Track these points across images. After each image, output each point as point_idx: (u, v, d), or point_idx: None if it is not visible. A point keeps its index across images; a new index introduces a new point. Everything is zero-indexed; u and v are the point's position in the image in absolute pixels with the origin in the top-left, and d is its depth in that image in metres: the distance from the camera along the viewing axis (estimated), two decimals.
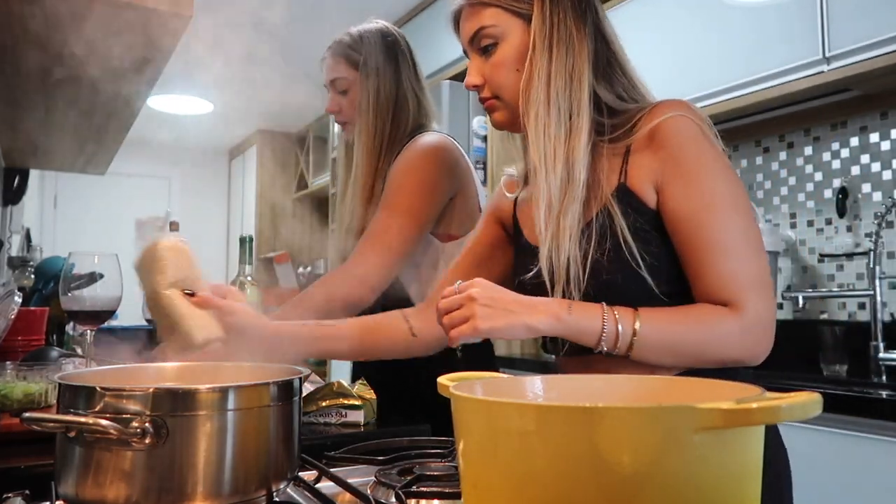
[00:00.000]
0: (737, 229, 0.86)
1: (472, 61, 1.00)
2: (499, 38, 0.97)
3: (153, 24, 1.07)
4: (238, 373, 0.81)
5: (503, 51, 0.97)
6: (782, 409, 0.39)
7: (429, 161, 1.38)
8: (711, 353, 0.85)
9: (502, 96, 0.98)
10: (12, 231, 2.96)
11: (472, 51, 1.00)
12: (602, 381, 0.58)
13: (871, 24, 1.79)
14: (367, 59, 1.43)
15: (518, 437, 0.43)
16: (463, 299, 0.84)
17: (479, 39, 0.98)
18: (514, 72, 0.96)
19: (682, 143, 0.89)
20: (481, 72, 0.99)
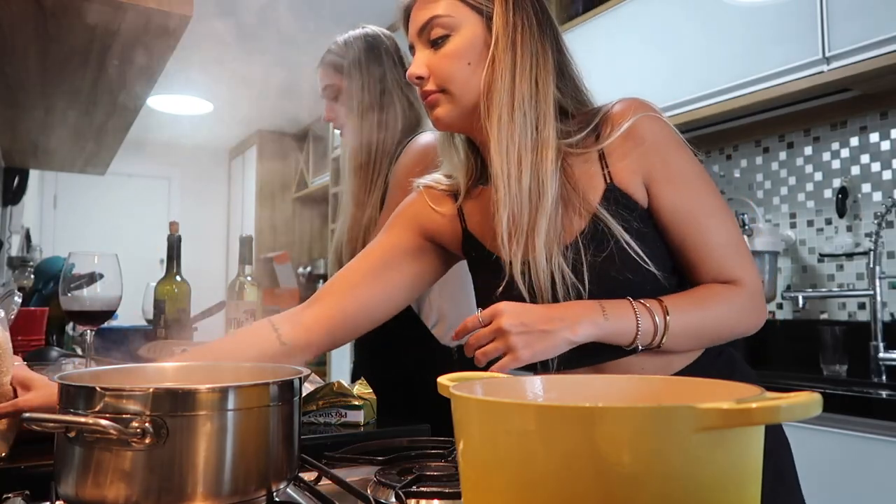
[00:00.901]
0: (721, 211, 0.92)
1: (419, 53, 0.96)
2: (452, 29, 0.93)
3: (153, 24, 1.07)
4: (238, 373, 0.81)
5: (455, 42, 0.93)
6: (782, 409, 0.39)
7: (428, 159, 1.37)
8: (728, 330, 0.89)
9: (450, 89, 0.94)
10: (12, 231, 2.96)
11: (420, 42, 0.96)
12: (602, 381, 0.58)
13: (871, 24, 1.79)
14: (351, 63, 1.44)
15: (518, 437, 0.43)
16: (493, 332, 0.81)
17: (431, 29, 0.94)
18: (465, 65, 0.93)
19: (662, 140, 0.91)
20: (427, 63, 0.95)
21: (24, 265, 2.40)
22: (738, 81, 2.08)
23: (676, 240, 0.90)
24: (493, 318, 0.82)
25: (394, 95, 1.44)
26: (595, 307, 0.84)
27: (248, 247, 1.62)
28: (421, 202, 1.07)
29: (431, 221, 1.05)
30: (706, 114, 2.20)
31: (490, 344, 0.82)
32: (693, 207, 0.90)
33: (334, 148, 4.56)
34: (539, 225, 0.88)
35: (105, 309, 1.19)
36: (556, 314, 0.83)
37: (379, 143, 1.43)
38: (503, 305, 0.83)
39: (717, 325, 0.88)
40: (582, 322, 0.82)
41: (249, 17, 2.70)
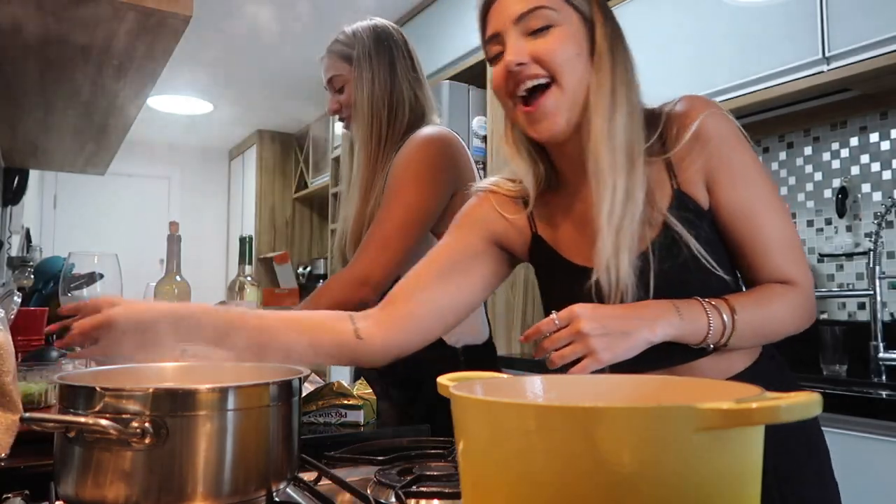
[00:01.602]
0: (779, 208, 0.93)
1: (514, 41, 0.91)
2: (554, 22, 0.90)
3: (153, 24, 1.07)
4: (238, 373, 0.81)
5: (560, 32, 0.90)
6: (782, 409, 0.39)
7: (427, 153, 1.35)
8: (785, 329, 0.91)
9: (560, 78, 0.90)
10: (12, 231, 2.96)
11: (516, 30, 0.91)
12: (602, 381, 0.58)
13: (871, 24, 1.79)
14: (360, 54, 1.42)
15: (518, 437, 0.43)
16: (572, 335, 0.81)
17: (532, 18, 0.90)
18: (575, 55, 0.90)
19: (726, 139, 0.91)
20: (529, 50, 0.90)
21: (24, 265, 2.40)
22: (738, 81, 2.07)
23: (736, 239, 0.92)
24: (570, 320, 0.81)
25: (403, 89, 1.42)
26: (670, 307, 0.85)
27: (248, 247, 1.62)
28: (488, 206, 1.06)
29: (499, 226, 1.05)
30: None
31: (568, 347, 0.81)
32: (754, 207, 0.91)
33: (334, 148, 4.56)
34: (626, 232, 0.88)
35: None
36: (634, 314, 0.84)
37: (387, 138, 1.41)
38: (579, 308, 0.82)
39: (777, 324, 0.90)
40: (660, 321, 0.83)
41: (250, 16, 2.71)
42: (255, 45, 3.98)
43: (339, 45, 1.46)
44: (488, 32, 0.95)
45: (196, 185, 6.35)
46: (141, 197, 5.95)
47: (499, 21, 0.93)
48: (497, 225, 1.05)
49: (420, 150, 1.35)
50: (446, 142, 1.38)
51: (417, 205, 1.32)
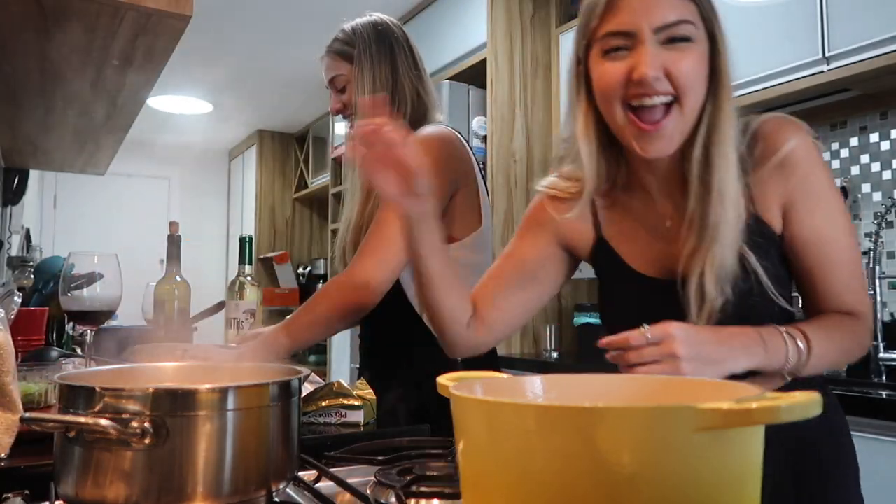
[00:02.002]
0: (850, 236, 0.93)
1: (653, 50, 0.85)
2: (693, 38, 0.86)
3: (153, 24, 1.07)
4: (238, 373, 0.81)
5: (697, 52, 0.87)
6: (782, 409, 0.39)
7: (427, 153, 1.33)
8: (848, 358, 0.92)
9: (685, 99, 0.87)
10: (12, 231, 2.96)
11: (654, 38, 0.85)
12: (602, 381, 0.58)
13: (871, 24, 1.79)
14: (361, 52, 1.39)
15: (518, 437, 0.43)
16: (663, 354, 0.80)
17: (674, 29, 0.85)
18: (703, 77, 0.88)
19: (811, 169, 0.90)
20: (665, 64, 0.85)
21: (24, 265, 2.40)
22: (738, 81, 2.06)
23: (805, 266, 0.92)
24: (663, 338, 0.80)
25: (405, 87, 1.40)
26: (757, 338, 0.85)
27: (248, 247, 1.62)
28: (553, 208, 1.06)
29: (565, 227, 1.06)
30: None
31: (656, 364, 0.80)
32: (829, 235, 0.90)
33: (334, 148, 4.56)
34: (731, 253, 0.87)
35: (105, 309, 1.18)
36: (726, 344, 0.83)
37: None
38: (675, 329, 0.80)
39: (841, 354, 0.91)
40: (747, 354, 0.84)
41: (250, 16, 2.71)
42: (254, 45, 3.98)
43: (339, 43, 1.44)
44: (613, 24, 0.87)
45: (196, 185, 6.35)
46: (141, 197, 5.95)
47: (635, 20, 0.85)
48: (562, 227, 1.06)
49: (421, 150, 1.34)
50: (445, 141, 1.36)
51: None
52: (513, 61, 2.98)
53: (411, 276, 1.38)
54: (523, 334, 2.90)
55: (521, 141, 2.97)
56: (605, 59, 0.89)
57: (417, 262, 0.97)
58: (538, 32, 3.05)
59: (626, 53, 0.87)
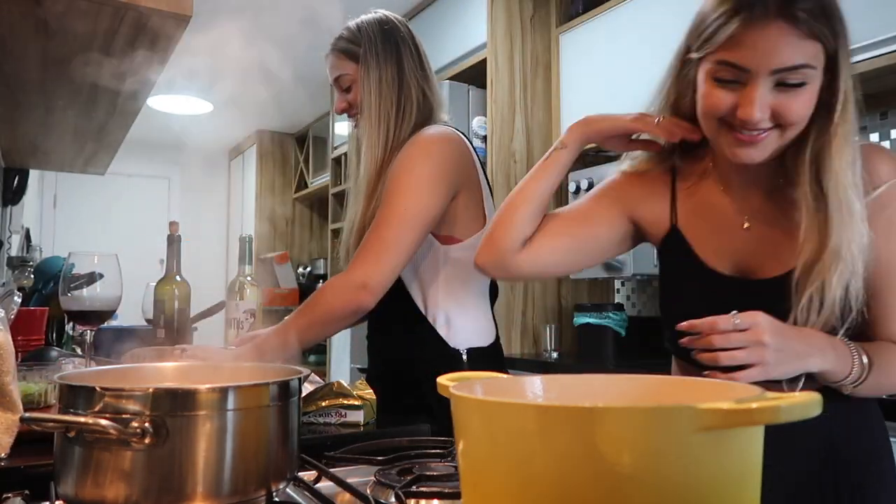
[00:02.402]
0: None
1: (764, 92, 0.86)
2: (808, 81, 0.86)
3: (153, 24, 1.07)
4: (237, 373, 0.81)
5: (809, 93, 0.87)
6: (782, 409, 0.39)
7: (427, 155, 1.32)
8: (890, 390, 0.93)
9: (787, 130, 0.89)
10: (12, 231, 2.96)
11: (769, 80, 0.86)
12: (602, 381, 0.58)
13: (872, 24, 1.78)
14: (367, 51, 1.37)
15: (518, 437, 0.43)
16: (750, 341, 0.81)
17: (790, 74, 0.85)
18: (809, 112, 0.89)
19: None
20: (775, 105, 0.87)
21: (24, 265, 2.40)
22: None
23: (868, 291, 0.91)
24: (751, 326, 0.82)
25: (411, 87, 1.38)
26: (828, 342, 0.87)
27: (248, 247, 1.62)
28: (631, 185, 1.10)
29: (642, 208, 1.09)
30: None
31: (741, 350, 0.81)
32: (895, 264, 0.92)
33: (334, 148, 4.56)
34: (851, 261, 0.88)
35: (105, 309, 1.18)
36: (807, 340, 0.85)
37: (394, 138, 1.37)
38: (763, 318, 0.83)
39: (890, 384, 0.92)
40: (821, 354, 0.85)
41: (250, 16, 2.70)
42: (254, 44, 3.98)
43: (344, 41, 1.42)
44: (732, 56, 0.87)
45: (196, 185, 6.34)
46: (141, 197, 5.95)
47: (753, 59, 0.86)
48: (639, 206, 1.09)
49: (421, 152, 1.33)
50: (448, 142, 1.35)
51: (416, 208, 1.29)
52: (513, 61, 2.98)
53: (412, 276, 1.39)
54: (523, 334, 2.90)
55: (521, 141, 2.97)
56: (714, 84, 0.90)
57: (545, 182, 1.07)
58: (538, 32, 3.05)
59: (736, 86, 0.88)
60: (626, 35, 2.53)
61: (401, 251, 1.28)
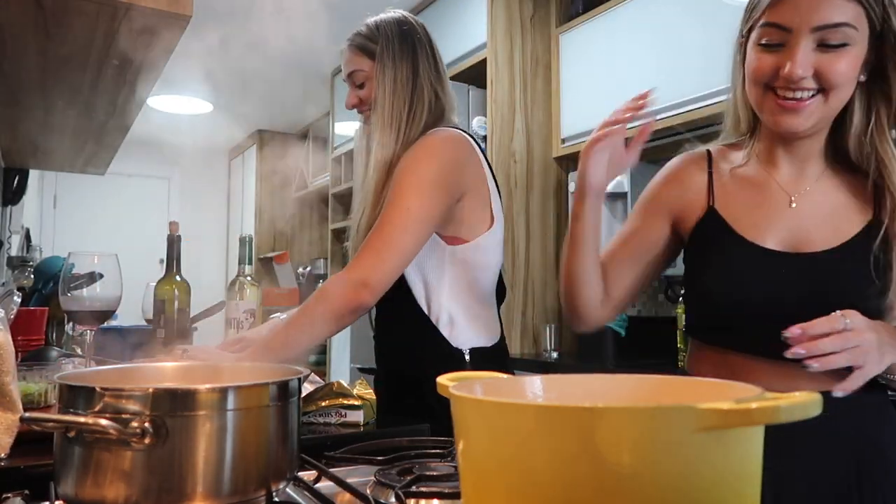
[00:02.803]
0: None
1: (807, 50, 0.88)
2: (850, 42, 0.88)
3: (153, 24, 1.07)
4: (237, 373, 0.81)
5: (854, 54, 0.89)
6: (782, 409, 0.39)
7: (433, 156, 1.32)
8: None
9: (831, 93, 0.90)
10: (12, 231, 2.96)
11: (811, 38, 0.89)
12: (602, 381, 0.58)
13: None
14: (384, 49, 1.38)
15: (518, 438, 0.43)
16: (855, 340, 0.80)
17: (833, 33, 0.88)
18: (855, 78, 0.90)
19: None
20: (818, 65, 0.89)
21: (23, 265, 2.40)
22: None
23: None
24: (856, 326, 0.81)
25: (424, 88, 1.38)
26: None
27: (248, 247, 1.62)
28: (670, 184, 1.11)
29: (679, 204, 1.09)
30: (706, 114, 2.20)
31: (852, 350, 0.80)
32: None
33: (334, 148, 4.56)
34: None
35: (105, 309, 1.19)
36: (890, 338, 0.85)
37: (404, 138, 1.37)
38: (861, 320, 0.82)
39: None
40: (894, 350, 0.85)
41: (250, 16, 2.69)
42: (254, 44, 3.98)
43: (362, 38, 1.42)
44: (775, 16, 0.91)
45: (196, 185, 6.35)
46: (141, 197, 5.95)
47: (795, 17, 0.89)
48: (677, 203, 1.09)
49: (427, 153, 1.33)
50: (454, 144, 1.35)
51: (419, 210, 1.28)
52: (513, 61, 2.98)
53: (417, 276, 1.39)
54: (523, 334, 2.90)
55: (521, 141, 2.97)
56: (760, 48, 0.93)
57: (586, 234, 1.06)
58: (538, 32, 3.05)
59: (780, 48, 0.90)
60: (626, 35, 2.53)
61: (403, 251, 1.28)
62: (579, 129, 2.83)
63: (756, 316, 0.95)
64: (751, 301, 0.96)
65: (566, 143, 2.91)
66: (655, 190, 1.13)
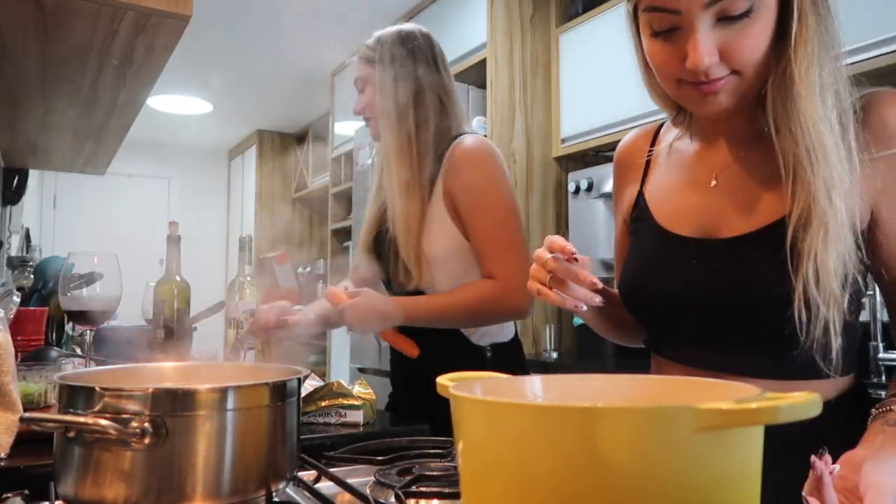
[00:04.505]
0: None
1: (705, 32, 0.75)
2: (753, 6, 0.74)
3: (153, 24, 1.07)
4: (237, 373, 0.81)
5: (762, 20, 0.75)
6: (782, 409, 0.39)
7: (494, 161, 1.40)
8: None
9: (744, 73, 0.78)
10: (12, 231, 2.96)
11: (706, 15, 0.75)
12: (602, 381, 0.58)
13: (871, 24, 1.78)
14: (382, 56, 1.43)
15: (518, 437, 0.42)
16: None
17: (726, 4, 0.74)
18: (769, 46, 0.77)
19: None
20: (721, 45, 0.76)
21: (23, 265, 2.40)
22: None
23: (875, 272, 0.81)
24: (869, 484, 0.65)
25: (426, 96, 1.42)
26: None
27: (247, 247, 1.62)
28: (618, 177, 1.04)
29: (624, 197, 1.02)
30: None
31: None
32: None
33: (334, 148, 4.56)
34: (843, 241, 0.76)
35: (105, 309, 1.19)
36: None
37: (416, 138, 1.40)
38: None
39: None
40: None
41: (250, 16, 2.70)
42: (254, 44, 3.98)
43: (366, 48, 1.49)
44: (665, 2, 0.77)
45: (196, 185, 6.35)
46: (141, 197, 5.95)
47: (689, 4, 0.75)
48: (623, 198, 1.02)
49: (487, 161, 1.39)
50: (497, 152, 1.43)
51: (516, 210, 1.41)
52: (513, 61, 2.98)
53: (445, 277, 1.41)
54: (523, 334, 2.89)
55: (521, 141, 2.97)
56: (653, 38, 0.80)
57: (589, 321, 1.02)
58: (538, 32, 3.05)
59: (677, 33, 0.78)
60: (626, 35, 2.52)
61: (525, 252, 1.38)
62: (579, 129, 2.83)
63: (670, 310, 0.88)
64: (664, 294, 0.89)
65: (566, 143, 2.91)
66: (613, 183, 1.06)
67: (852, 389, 0.91)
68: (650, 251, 0.93)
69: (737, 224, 0.85)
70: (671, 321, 0.90)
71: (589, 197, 2.72)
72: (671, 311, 0.89)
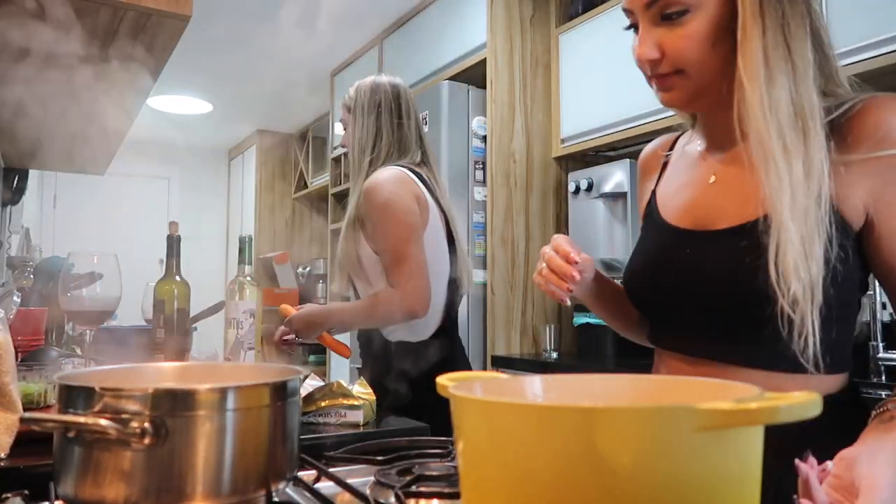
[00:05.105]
0: None
1: (646, 30, 0.84)
2: (691, 9, 0.80)
3: (153, 23, 1.07)
4: (237, 373, 0.81)
5: (699, 20, 0.80)
6: (782, 409, 0.39)
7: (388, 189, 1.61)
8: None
9: (689, 71, 0.83)
10: (12, 231, 2.96)
11: (648, 15, 0.84)
12: (602, 381, 0.58)
13: (871, 24, 1.79)
14: (355, 105, 1.76)
15: (518, 437, 0.42)
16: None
17: (665, 4, 0.81)
18: (709, 46, 0.81)
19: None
20: (661, 43, 0.83)
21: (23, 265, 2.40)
22: None
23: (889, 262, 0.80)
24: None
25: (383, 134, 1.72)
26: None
27: (248, 247, 1.62)
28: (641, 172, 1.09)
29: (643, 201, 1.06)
30: None
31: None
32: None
33: (334, 148, 4.57)
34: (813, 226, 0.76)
35: (105, 309, 1.19)
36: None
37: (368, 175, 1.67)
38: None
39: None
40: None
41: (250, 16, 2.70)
42: (254, 45, 3.98)
43: (346, 97, 1.81)
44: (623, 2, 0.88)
45: (196, 185, 6.34)
46: (141, 197, 5.95)
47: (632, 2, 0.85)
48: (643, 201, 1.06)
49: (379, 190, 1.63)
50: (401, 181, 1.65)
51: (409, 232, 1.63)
52: (513, 61, 2.98)
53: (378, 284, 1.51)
54: (523, 334, 2.90)
55: (520, 141, 2.97)
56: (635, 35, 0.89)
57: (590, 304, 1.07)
58: (538, 32, 3.05)
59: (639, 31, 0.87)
60: (626, 35, 2.52)
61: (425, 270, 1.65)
62: (579, 129, 2.83)
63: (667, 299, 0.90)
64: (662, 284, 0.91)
65: (566, 143, 2.91)
66: (638, 187, 1.10)
67: (847, 389, 0.91)
68: (652, 244, 0.96)
69: (730, 216, 0.87)
70: (669, 311, 0.93)
71: (589, 197, 2.72)
72: (668, 300, 0.91)
